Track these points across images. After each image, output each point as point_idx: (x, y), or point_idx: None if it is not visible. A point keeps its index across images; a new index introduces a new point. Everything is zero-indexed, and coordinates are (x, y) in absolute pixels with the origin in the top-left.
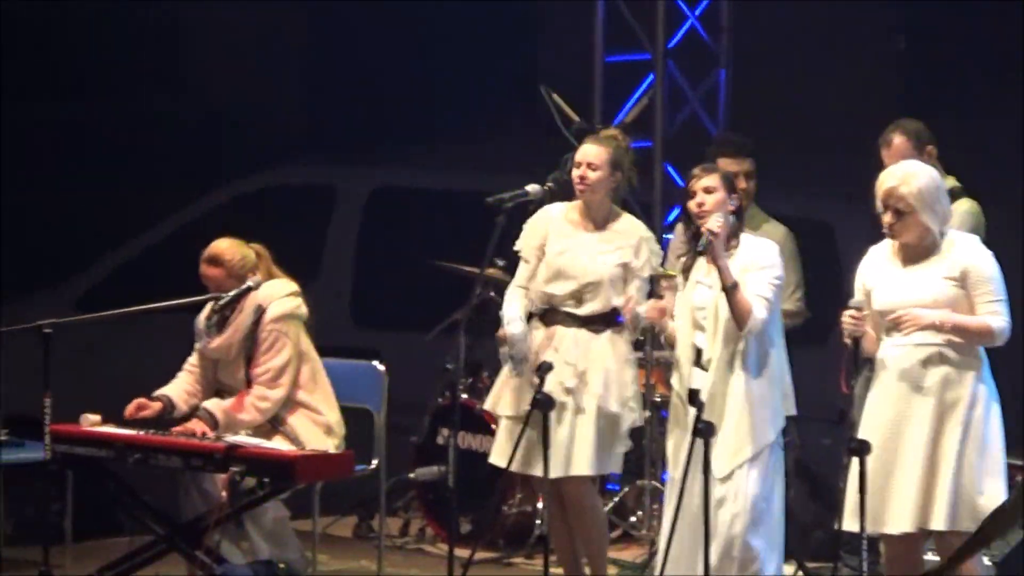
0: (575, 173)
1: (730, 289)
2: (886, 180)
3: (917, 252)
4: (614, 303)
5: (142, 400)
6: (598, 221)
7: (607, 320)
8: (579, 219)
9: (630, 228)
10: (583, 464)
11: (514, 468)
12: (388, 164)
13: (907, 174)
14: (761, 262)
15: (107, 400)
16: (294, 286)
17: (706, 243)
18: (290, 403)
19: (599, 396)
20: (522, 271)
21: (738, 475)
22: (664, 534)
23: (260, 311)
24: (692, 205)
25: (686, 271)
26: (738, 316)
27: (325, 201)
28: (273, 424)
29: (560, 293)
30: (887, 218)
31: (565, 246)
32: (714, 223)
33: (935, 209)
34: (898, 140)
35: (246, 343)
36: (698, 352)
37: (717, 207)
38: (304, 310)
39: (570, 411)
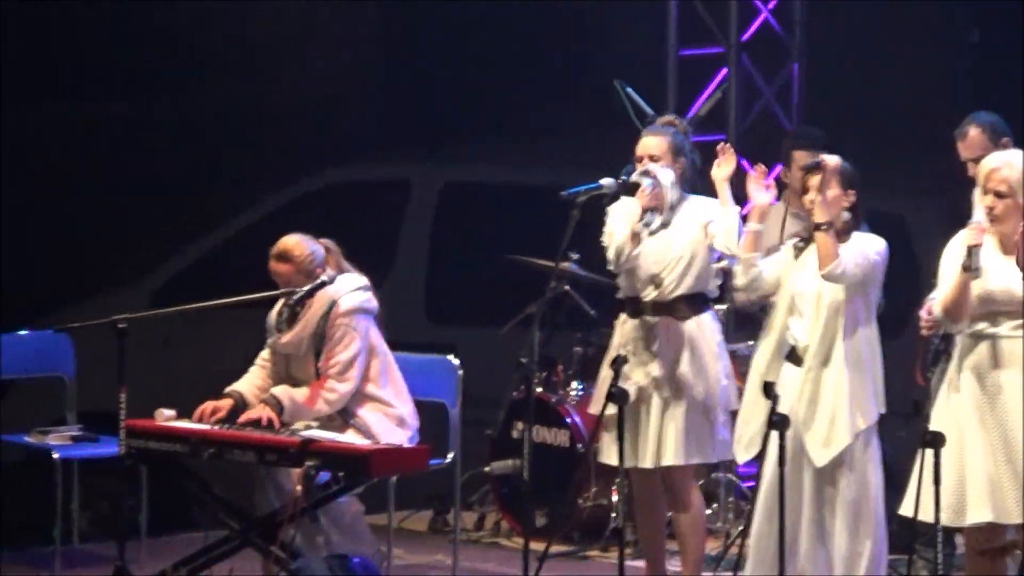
0: (639, 167)
1: (821, 226)
2: (989, 162)
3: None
4: (697, 287)
5: (213, 403)
6: (666, 209)
7: (692, 306)
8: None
9: (695, 206)
10: (671, 454)
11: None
12: (461, 159)
13: (1011, 158)
14: (865, 246)
15: (182, 395)
16: (364, 280)
17: (813, 165)
18: (360, 396)
19: (688, 385)
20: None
21: (835, 470)
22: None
23: (330, 306)
24: (806, 201)
25: (798, 251)
26: (823, 255)
27: (399, 196)
28: (344, 418)
29: (639, 282)
30: (988, 201)
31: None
32: (832, 158)
33: None
34: (973, 132)
35: (316, 338)
36: (790, 347)
37: (831, 203)
38: (374, 304)
39: (659, 401)
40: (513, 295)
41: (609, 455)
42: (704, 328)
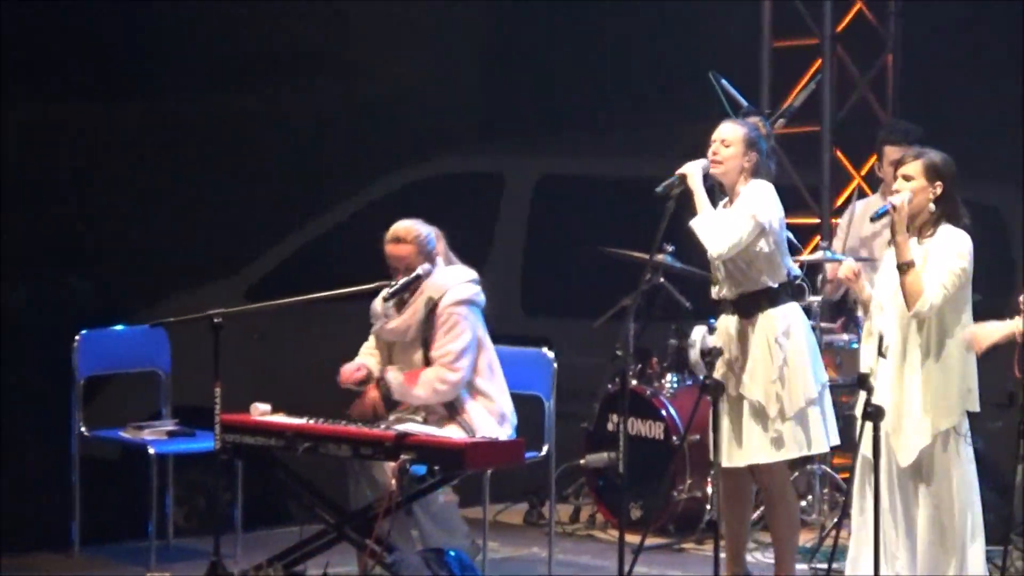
0: (709, 151)
1: (903, 267)
2: None
3: None
4: (760, 284)
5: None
6: (728, 192)
7: (756, 303)
8: (725, 202)
9: (749, 189)
10: (747, 454)
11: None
12: (556, 151)
13: None
14: (949, 251)
15: (277, 389)
16: (474, 273)
17: (880, 214)
18: (470, 389)
19: (744, 385)
20: None
21: (916, 469)
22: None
23: (440, 293)
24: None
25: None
26: (908, 295)
27: (494, 189)
28: (451, 412)
29: (711, 282)
30: None
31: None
32: (897, 198)
33: None
34: None
35: (423, 326)
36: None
37: (914, 194)
38: (482, 298)
39: (736, 399)
40: (608, 287)
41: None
42: (771, 327)
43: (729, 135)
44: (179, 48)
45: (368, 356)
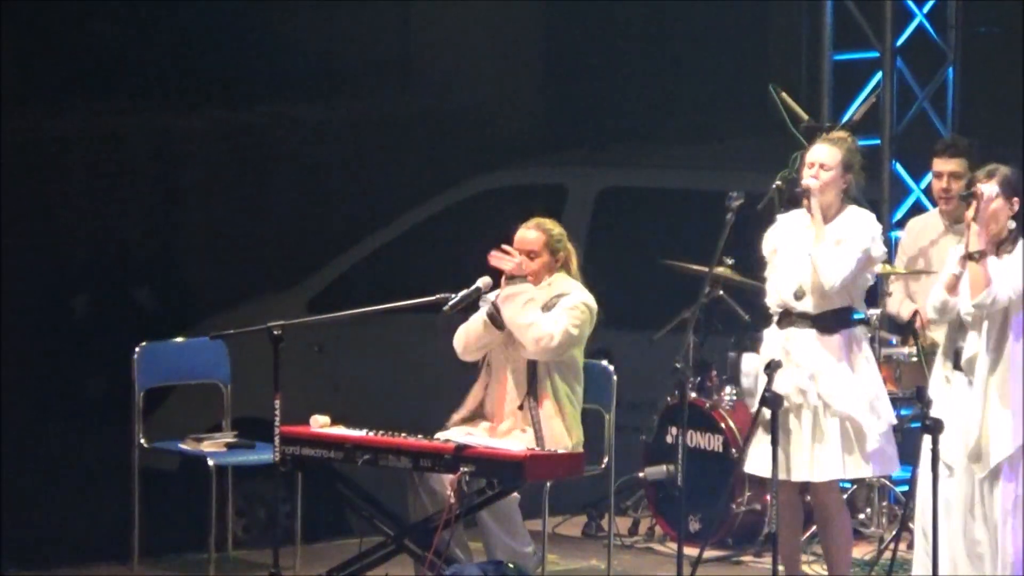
0: (807, 173)
1: (975, 255)
2: None
3: None
4: (846, 302)
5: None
6: (828, 219)
7: (840, 319)
8: (810, 222)
9: (852, 218)
10: (819, 469)
11: (748, 470)
12: (617, 164)
13: None
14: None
15: (336, 402)
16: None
17: (967, 196)
18: (555, 395)
19: (837, 399)
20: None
21: (994, 480)
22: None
23: (572, 291)
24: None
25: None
26: (973, 284)
27: (555, 201)
28: (529, 417)
29: (786, 293)
30: None
31: (794, 247)
32: (987, 188)
33: None
34: None
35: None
36: (956, 353)
37: (994, 213)
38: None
39: (809, 413)
40: (668, 300)
41: (753, 464)
42: (852, 341)
43: (828, 159)
44: (247, 59)
45: None
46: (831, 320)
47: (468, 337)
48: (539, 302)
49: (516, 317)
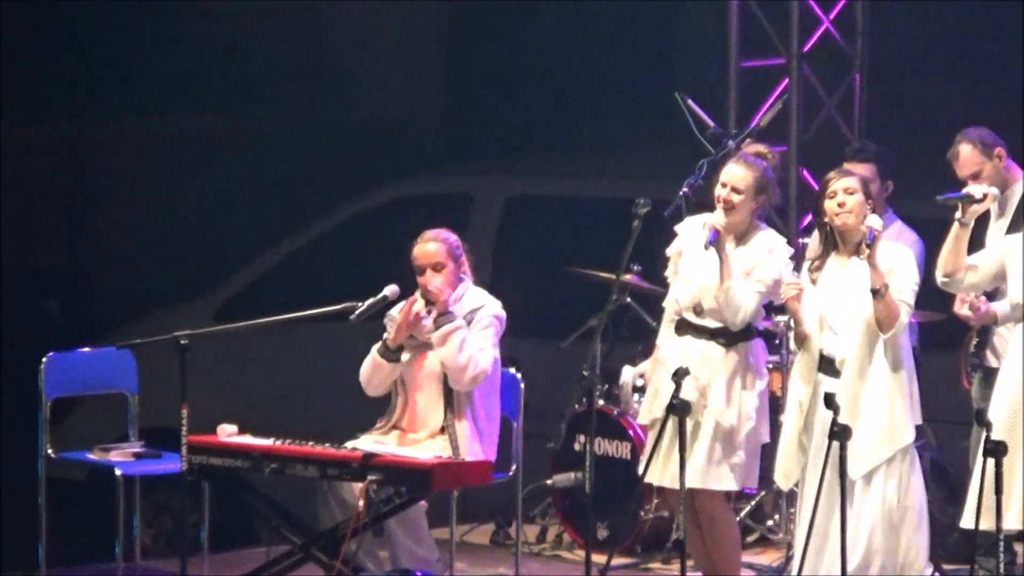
0: (718, 192)
1: (880, 291)
2: None
3: None
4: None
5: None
6: (737, 237)
7: (739, 335)
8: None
9: (763, 245)
10: (695, 477)
11: (649, 478)
12: (524, 172)
13: None
14: (901, 266)
15: (244, 411)
16: None
17: (869, 241)
18: (472, 407)
19: (717, 410)
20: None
21: (876, 481)
22: (800, 540)
23: (482, 304)
24: (833, 205)
25: (814, 271)
26: (884, 320)
27: (462, 209)
28: (448, 426)
29: (685, 303)
30: None
31: (698, 260)
32: (876, 221)
33: None
34: (965, 150)
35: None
36: (823, 358)
37: (859, 208)
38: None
39: (689, 424)
40: (575, 308)
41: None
42: (745, 358)
43: (740, 183)
44: (153, 69)
45: None
46: (729, 336)
47: (369, 374)
48: (467, 331)
49: (455, 358)
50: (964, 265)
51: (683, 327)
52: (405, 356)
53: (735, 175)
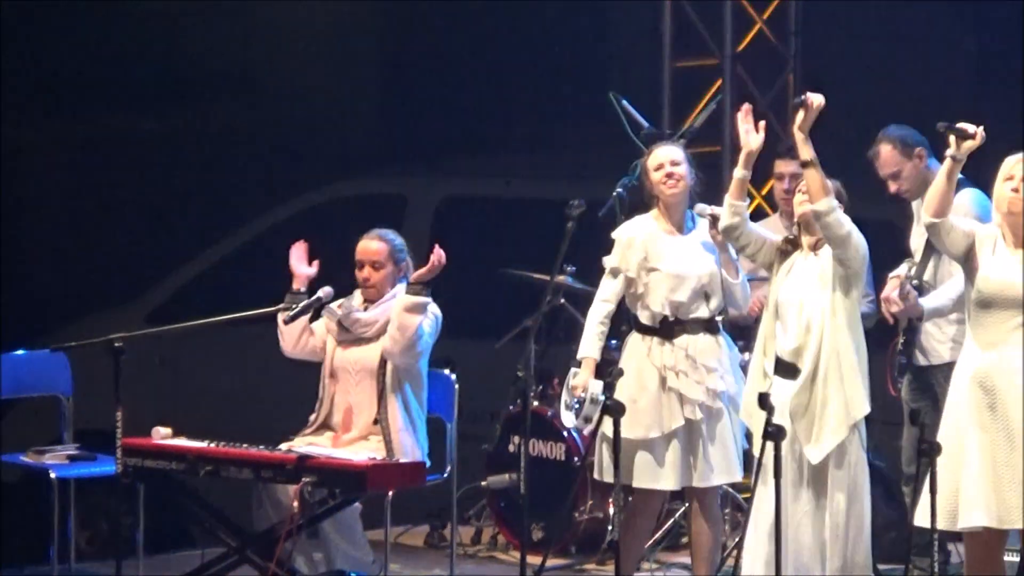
0: (659, 175)
1: (808, 163)
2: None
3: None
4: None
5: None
6: (680, 226)
7: (713, 326)
8: (667, 226)
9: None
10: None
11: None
12: (456, 173)
13: None
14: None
15: (178, 413)
16: None
17: (799, 103)
18: (406, 408)
19: (733, 400)
20: (611, 287)
21: (827, 467)
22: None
23: None
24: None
25: (783, 255)
26: (813, 190)
27: (395, 211)
28: (384, 429)
29: (686, 299)
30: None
31: (674, 253)
32: (816, 96)
33: None
34: (885, 150)
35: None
36: (779, 361)
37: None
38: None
39: (713, 418)
40: (509, 309)
41: (608, 473)
42: (725, 348)
43: (679, 156)
44: (76, 69)
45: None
46: (715, 323)
47: (287, 345)
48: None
49: (404, 318)
50: (949, 211)
51: (674, 327)
52: (332, 346)
53: (672, 151)
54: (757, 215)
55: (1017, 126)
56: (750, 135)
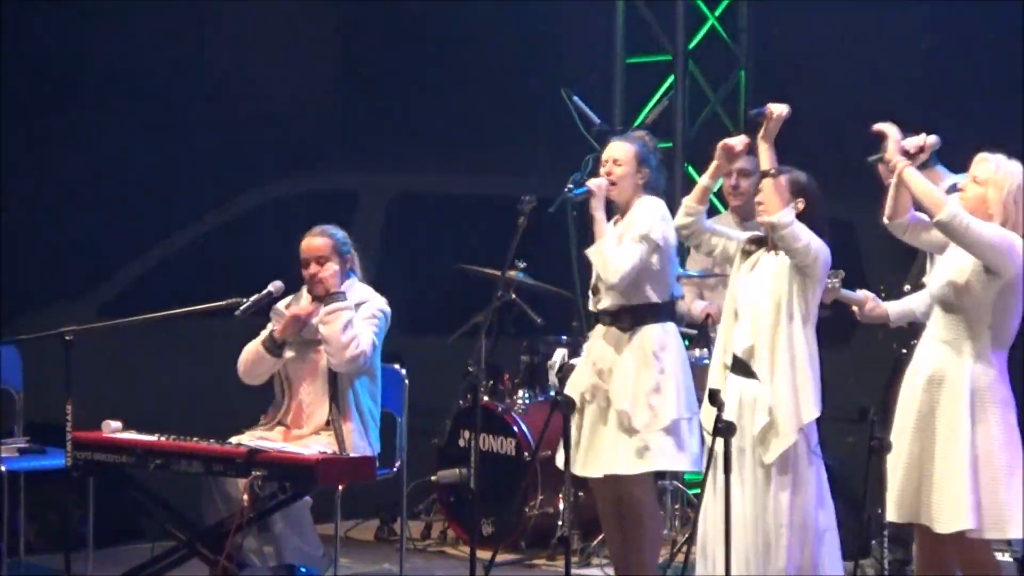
0: (602, 171)
1: (770, 172)
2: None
3: None
4: (643, 299)
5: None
6: (622, 211)
7: (637, 317)
8: (617, 218)
9: (637, 207)
10: (607, 464)
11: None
12: (409, 169)
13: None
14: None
15: (129, 407)
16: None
17: (757, 113)
18: (357, 404)
19: (615, 394)
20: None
21: (779, 467)
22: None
23: (367, 299)
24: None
25: (745, 254)
26: (769, 203)
27: (347, 206)
28: (336, 426)
29: (592, 292)
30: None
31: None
32: (777, 107)
33: None
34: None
35: None
36: (735, 360)
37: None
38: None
39: (597, 411)
40: (461, 304)
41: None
42: (646, 340)
43: (620, 154)
44: (33, 66)
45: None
46: (630, 317)
47: (248, 363)
48: (354, 313)
49: (339, 336)
50: (905, 211)
51: (595, 317)
52: (289, 353)
53: (615, 148)
54: (709, 212)
55: (968, 124)
56: (728, 149)
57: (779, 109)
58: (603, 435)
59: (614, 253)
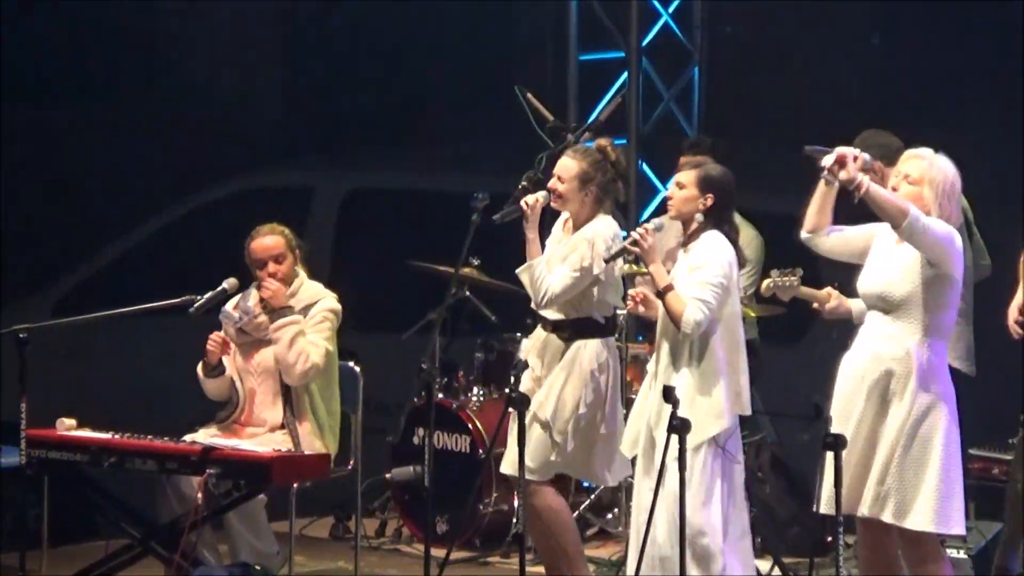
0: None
1: (662, 292)
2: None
3: None
4: (584, 313)
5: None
6: (575, 226)
7: (577, 330)
8: (568, 227)
9: (586, 229)
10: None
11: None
12: (363, 166)
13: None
14: (700, 262)
15: (83, 405)
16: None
17: (622, 249)
18: (312, 403)
19: (537, 402)
20: None
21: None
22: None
23: (317, 298)
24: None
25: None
26: (674, 318)
27: (301, 203)
28: (290, 424)
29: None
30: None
31: (548, 251)
32: (645, 227)
33: None
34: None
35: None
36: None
37: (683, 204)
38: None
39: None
40: (414, 301)
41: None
42: (583, 354)
43: (564, 171)
44: None
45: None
46: (571, 330)
47: (205, 389)
48: (303, 325)
49: (286, 353)
50: (826, 225)
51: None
52: (239, 359)
53: (561, 164)
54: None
55: (922, 122)
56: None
57: (648, 226)
58: (529, 438)
59: (545, 278)
